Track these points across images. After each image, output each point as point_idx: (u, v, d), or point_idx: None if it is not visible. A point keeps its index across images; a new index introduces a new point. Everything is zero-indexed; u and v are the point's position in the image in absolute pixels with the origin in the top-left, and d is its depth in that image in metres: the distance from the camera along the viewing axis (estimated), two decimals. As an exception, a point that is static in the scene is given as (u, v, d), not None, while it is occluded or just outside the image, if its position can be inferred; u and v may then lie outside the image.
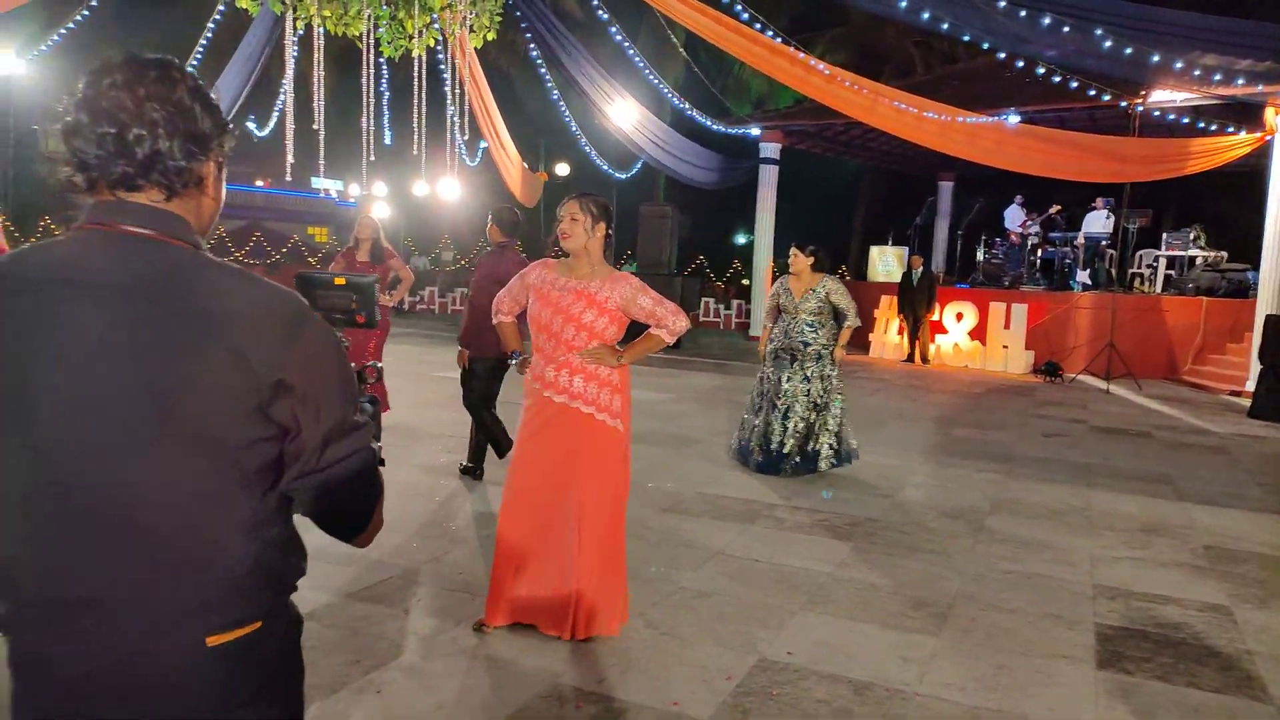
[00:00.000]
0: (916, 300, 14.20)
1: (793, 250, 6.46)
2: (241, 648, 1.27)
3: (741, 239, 37.24)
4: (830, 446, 6.44)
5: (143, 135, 1.21)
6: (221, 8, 10.51)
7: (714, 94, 17.13)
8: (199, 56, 11.64)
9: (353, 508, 1.36)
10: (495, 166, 15.09)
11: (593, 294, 3.45)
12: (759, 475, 6.41)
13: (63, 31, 10.93)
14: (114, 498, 1.20)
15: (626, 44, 12.03)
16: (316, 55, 7.55)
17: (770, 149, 16.99)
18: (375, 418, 1.51)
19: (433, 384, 10.03)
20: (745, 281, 23.92)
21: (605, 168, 17.40)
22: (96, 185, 1.24)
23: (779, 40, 9.07)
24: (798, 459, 6.41)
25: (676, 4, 8.90)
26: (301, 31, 8.47)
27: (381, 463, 1.41)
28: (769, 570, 4.45)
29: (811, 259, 6.42)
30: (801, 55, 9.03)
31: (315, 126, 8.05)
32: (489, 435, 5.94)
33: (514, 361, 3.76)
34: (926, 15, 8.17)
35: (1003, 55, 9.52)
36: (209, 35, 11.40)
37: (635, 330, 3.58)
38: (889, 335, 15.18)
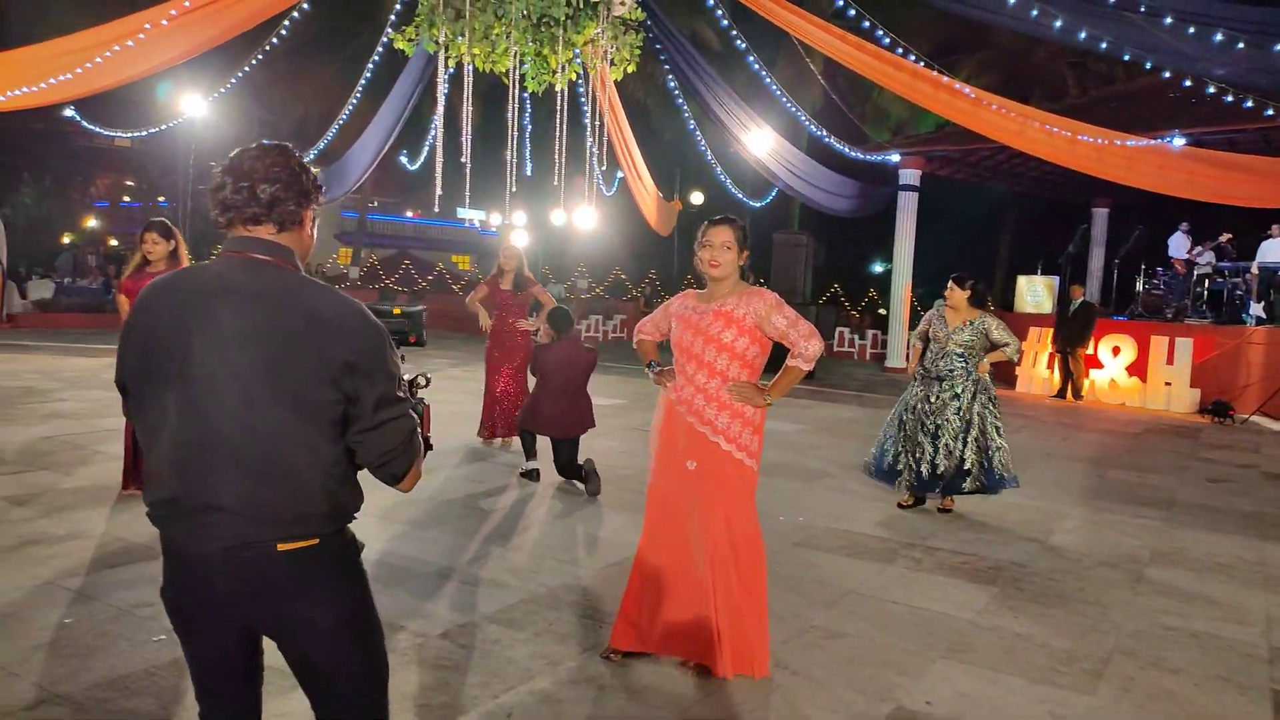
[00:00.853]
0: (1071, 332, 13.48)
1: (950, 284, 6.25)
2: (301, 556, 1.81)
3: (878, 267, 36.49)
4: (981, 467, 6.14)
5: (266, 188, 1.82)
6: (379, 50, 11.14)
7: (852, 121, 16.88)
8: (358, 96, 12.39)
9: (395, 458, 1.87)
10: (631, 195, 15.32)
11: (729, 311, 3.42)
12: (895, 512, 6.21)
13: (239, 75, 11.84)
14: (240, 439, 1.75)
15: (763, 73, 12.01)
16: (466, 92, 7.88)
17: (910, 175, 16.57)
18: (423, 416, 2.07)
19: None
20: (882, 311, 23.34)
21: (740, 195, 17.38)
22: (233, 222, 1.85)
23: (921, 65, 8.84)
24: (948, 477, 6.16)
25: (817, 32, 8.81)
26: (451, 70, 8.87)
27: (429, 447, 2.07)
28: (906, 613, 4.28)
29: (969, 293, 6.20)
30: (945, 79, 8.76)
31: (463, 160, 8.39)
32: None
33: (652, 371, 3.76)
34: (1084, 35, 7.78)
35: (1167, 74, 8.96)
36: (368, 75, 12.10)
37: (777, 356, 3.52)
38: (1038, 369, 14.45)
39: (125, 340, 1.86)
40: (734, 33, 10.89)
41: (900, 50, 8.81)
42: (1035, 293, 16.32)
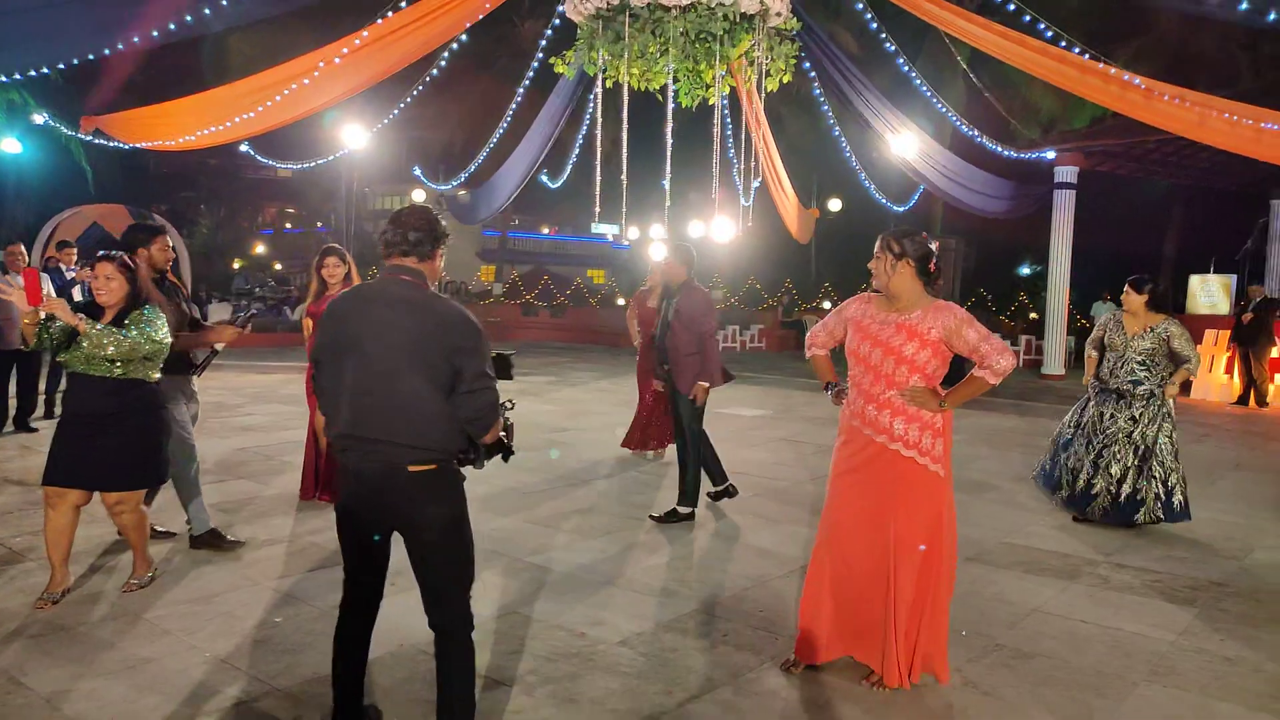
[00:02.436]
0: (1251, 334, 12.50)
1: (1126, 288, 5.91)
2: (424, 475, 2.70)
3: (1025, 269, 34.84)
4: (1156, 498, 5.77)
5: (413, 234, 2.78)
6: (530, 74, 11.53)
7: (999, 117, 16.21)
8: (508, 119, 12.82)
9: (482, 417, 2.71)
10: (765, 204, 15.21)
11: (914, 325, 3.35)
12: (1073, 527, 5.91)
13: (400, 106, 12.47)
14: (390, 392, 2.66)
15: (912, 74, 11.71)
16: (624, 112, 8.05)
17: (1066, 172, 15.77)
18: (509, 432, 2.90)
19: (713, 420, 10.18)
20: (1033, 315, 22.28)
21: (882, 200, 16.99)
22: (391, 255, 2.81)
23: (1087, 57, 8.40)
24: (1107, 504, 5.84)
25: (976, 29, 8.50)
26: (597, 90, 9.05)
27: (511, 452, 2.92)
28: (1099, 633, 4.06)
29: (1146, 296, 5.84)
30: (1113, 71, 8.30)
31: (622, 177, 8.56)
32: (707, 458, 6.15)
33: (830, 392, 3.73)
34: (1275, 15, 7.20)
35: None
36: (518, 99, 12.52)
37: (958, 368, 3.43)
38: (1215, 374, 13.47)
39: (320, 330, 2.84)
40: (883, 35, 10.67)
41: (1063, 43, 8.40)
42: (1210, 292, 15.23)
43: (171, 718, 3.11)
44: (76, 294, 8.79)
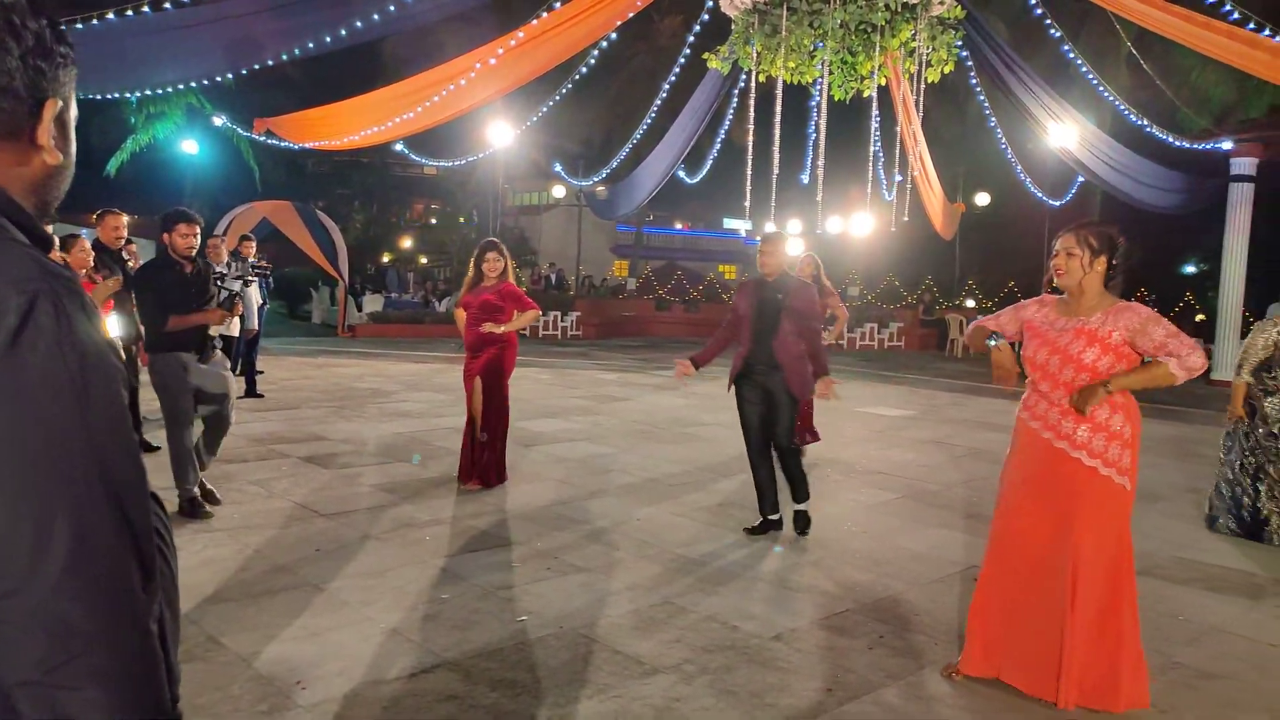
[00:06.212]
0: None
1: None
2: None
3: (1189, 268, 32.73)
4: None
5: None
6: (676, 70, 11.60)
7: (1165, 106, 15.20)
8: (652, 115, 12.94)
9: None
10: (902, 199, 14.80)
11: (1094, 330, 3.20)
12: (1252, 545, 5.51)
13: (548, 105, 12.79)
14: None
15: (1076, 59, 11.12)
16: (776, 105, 7.99)
17: (1244, 164, 14.66)
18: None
19: (855, 419, 10.03)
20: (1200, 317, 20.89)
21: (1038, 194, 16.22)
22: None
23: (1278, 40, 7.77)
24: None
25: (1160, 15, 7.96)
26: (741, 84, 9.03)
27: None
28: (1291, 658, 3.79)
29: None
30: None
31: (774, 173, 8.51)
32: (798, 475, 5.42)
33: (993, 343, 3.48)
34: None
35: None
36: (663, 96, 12.63)
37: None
38: None
39: None
40: (1047, 20, 10.19)
41: (1251, 25, 7.79)
42: None
43: (355, 684, 3.31)
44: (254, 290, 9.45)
